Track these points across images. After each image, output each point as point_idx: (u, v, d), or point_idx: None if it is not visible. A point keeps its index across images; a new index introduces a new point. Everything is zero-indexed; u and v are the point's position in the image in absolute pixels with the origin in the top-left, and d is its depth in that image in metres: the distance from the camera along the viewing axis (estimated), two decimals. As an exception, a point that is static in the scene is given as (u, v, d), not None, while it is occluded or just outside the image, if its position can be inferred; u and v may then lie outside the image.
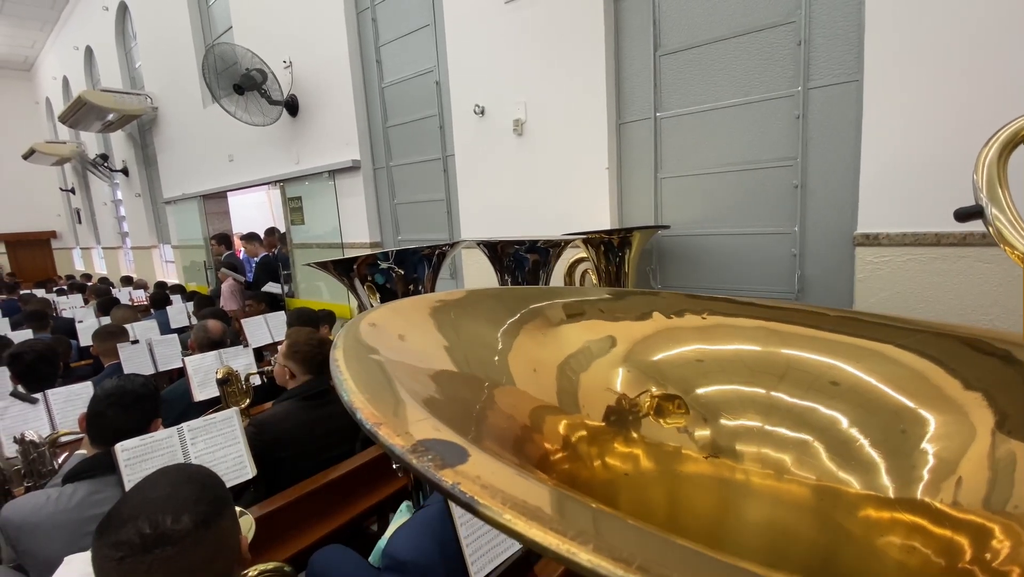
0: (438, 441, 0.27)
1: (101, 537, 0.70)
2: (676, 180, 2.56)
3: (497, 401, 0.50)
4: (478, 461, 0.26)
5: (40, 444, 1.66)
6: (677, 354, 0.65)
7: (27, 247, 13.00)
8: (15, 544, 1.23)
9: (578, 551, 0.19)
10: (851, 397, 0.56)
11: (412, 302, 0.57)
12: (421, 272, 1.59)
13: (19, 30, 10.48)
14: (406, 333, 0.49)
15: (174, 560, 0.69)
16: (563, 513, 0.23)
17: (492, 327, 0.58)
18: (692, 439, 0.60)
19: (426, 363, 0.47)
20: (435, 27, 3.62)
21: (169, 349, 3.00)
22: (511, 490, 0.23)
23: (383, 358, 0.40)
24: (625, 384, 0.62)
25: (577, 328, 0.66)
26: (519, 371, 0.55)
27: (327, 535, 1.78)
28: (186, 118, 6.89)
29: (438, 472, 0.24)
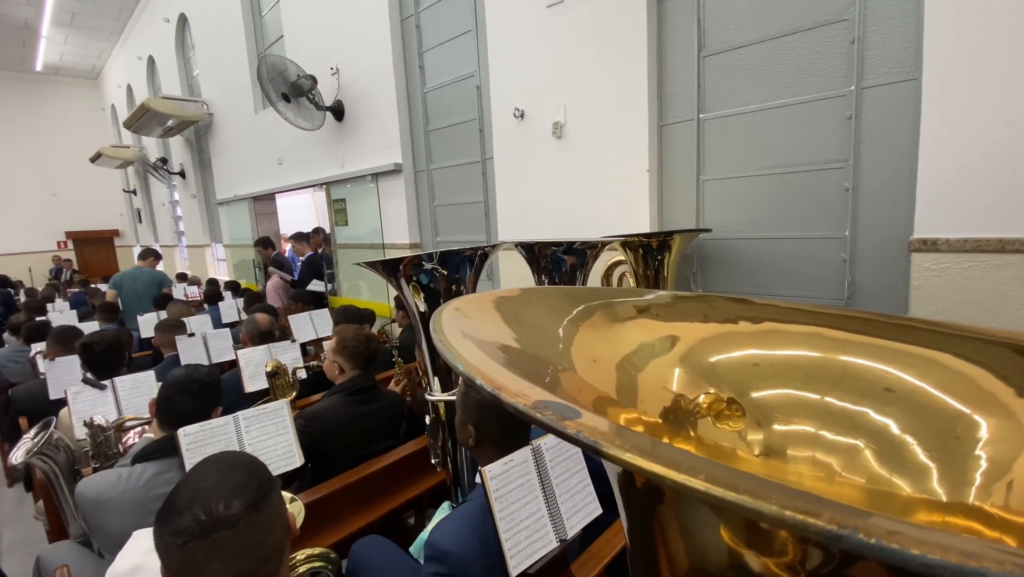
0: (552, 401, 0.30)
1: (162, 525, 0.75)
2: (719, 183, 2.51)
3: (563, 383, 0.52)
4: (589, 417, 0.29)
5: (107, 428, 1.78)
6: (733, 357, 0.65)
7: (92, 244, 13.91)
8: (87, 518, 1.33)
9: (692, 479, 0.22)
10: (905, 403, 0.55)
11: (477, 297, 0.59)
12: (463, 273, 1.62)
13: (88, 41, 11.24)
14: (479, 322, 0.52)
15: (231, 541, 0.74)
16: (675, 454, 0.26)
17: (553, 321, 0.61)
18: (746, 441, 0.60)
19: (499, 341, 0.50)
20: (476, 32, 3.68)
21: (222, 342, 3.16)
22: (622, 435, 0.27)
23: (473, 338, 0.44)
24: (681, 384, 0.63)
25: (633, 327, 0.67)
26: (581, 363, 0.57)
27: (366, 526, 1.85)
28: (238, 123, 7.23)
29: (562, 422, 0.27)
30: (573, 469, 1.37)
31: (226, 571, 0.73)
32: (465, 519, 1.18)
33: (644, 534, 0.42)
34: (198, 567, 0.72)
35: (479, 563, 1.14)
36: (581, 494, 1.36)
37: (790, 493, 0.21)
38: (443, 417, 1.72)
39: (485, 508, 1.17)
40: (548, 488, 1.30)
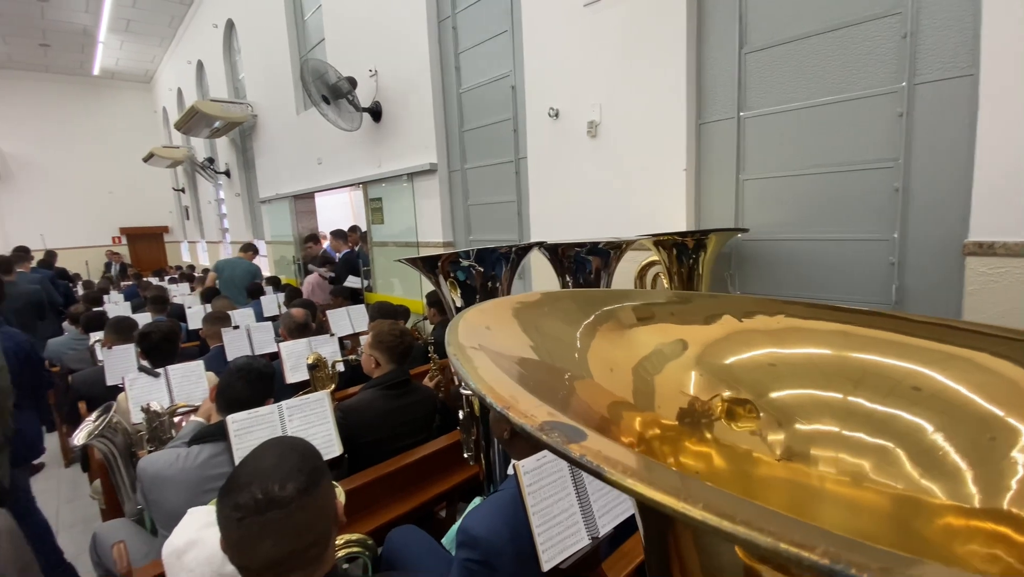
0: (559, 422, 0.31)
1: (224, 499, 0.81)
2: (760, 182, 2.46)
3: (578, 392, 0.52)
4: (595, 439, 0.29)
5: (162, 414, 1.89)
6: (749, 358, 0.64)
7: (144, 240, 14.65)
8: (147, 493, 1.42)
9: (690, 509, 0.23)
10: (935, 404, 0.53)
11: (494, 304, 0.60)
12: (499, 270, 1.65)
13: (142, 46, 11.82)
14: (495, 330, 0.52)
15: (283, 521, 0.78)
16: (667, 480, 0.26)
17: (570, 328, 0.61)
18: (765, 442, 0.59)
19: (514, 353, 0.50)
20: (512, 33, 3.70)
21: (264, 335, 3.29)
22: (625, 460, 0.27)
23: (486, 351, 0.44)
24: (698, 387, 0.62)
25: (649, 330, 0.67)
26: (597, 369, 0.57)
27: (400, 516, 1.89)
28: (281, 124, 7.48)
29: (567, 445, 0.28)
30: (606, 467, 1.37)
31: (278, 549, 0.77)
32: (497, 508, 1.20)
33: (659, 545, 0.43)
34: (253, 542, 0.77)
35: (510, 552, 1.16)
36: (613, 493, 1.36)
37: (787, 524, 0.21)
38: (477, 412, 1.75)
39: (517, 498, 1.18)
40: (580, 485, 1.31)
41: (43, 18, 9.73)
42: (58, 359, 3.76)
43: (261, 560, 0.77)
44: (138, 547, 1.60)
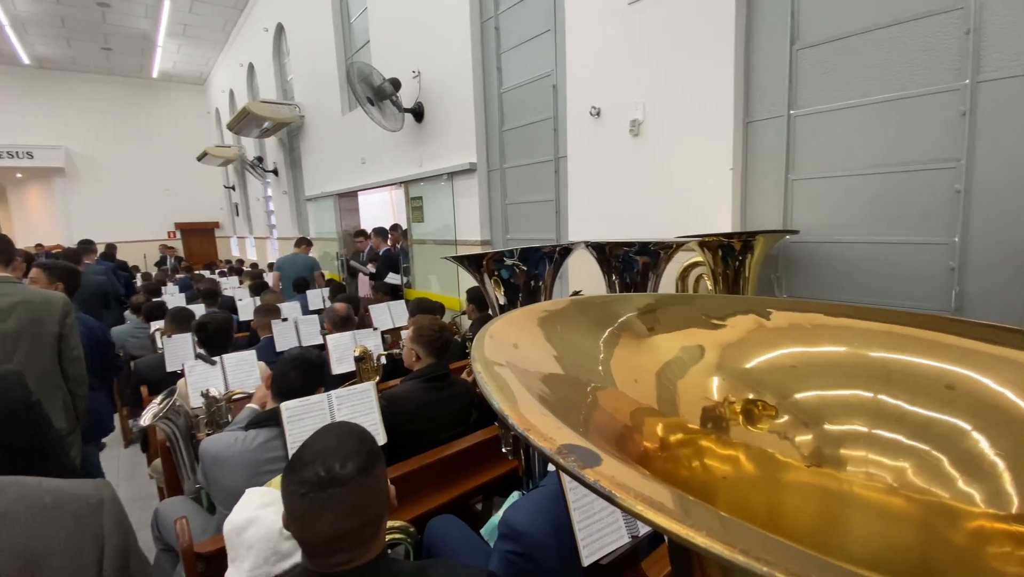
0: (577, 446, 0.32)
1: (289, 475, 0.87)
2: (810, 182, 2.38)
3: (600, 402, 0.53)
4: (609, 464, 0.30)
5: (219, 399, 2.00)
6: (770, 359, 0.63)
7: (196, 235, 15.42)
8: (207, 473, 1.52)
9: (694, 535, 0.24)
10: (968, 404, 0.52)
11: (522, 313, 0.60)
12: (542, 269, 1.67)
13: (197, 50, 12.43)
14: (520, 343, 0.53)
15: (342, 498, 0.84)
16: (681, 507, 0.27)
17: (593, 337, 0.61)
18: (793, 445, 0.59)
19: (538, 368, 0.50)
20: (555, 32, 3.71)
21: (311, 328, 3.42)
22: (638, 487, 0.28)
23: (510, 367, 0.45)
24: (721, 391, 0.62)
25: (669, 336, 0.67)
26: (620, 376, 0.57)
27: (437, 507, 1.93)
28: (326, 125, 7.72)
29: (582, 470, 0.29)
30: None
31: (336, 525, 0.82)
32: (539, 503, 1.22)
33: (683, 558, 0.43)
34: (314, 516, 0.82)
35: (551, 547, 1.18)
36: (654, 493, 1.36)
37: (790, 553, 0.22)
38: (517, 408, 1.77)
39: (558, 495, 1.20)
40: (621, 484, 1.31)
41: (105, 23, 10.36)
42: (121, 346, 4.01)
43: (321, 535, 0.82)
44: (196, 523, 1.70)
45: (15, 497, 0.47)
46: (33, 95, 12.83)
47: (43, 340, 1.99)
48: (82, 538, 0.48)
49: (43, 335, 1.99)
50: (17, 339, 1.93)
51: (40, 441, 1.10)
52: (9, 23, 9.91)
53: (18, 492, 0.48)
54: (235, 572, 1.17)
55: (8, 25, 9.99)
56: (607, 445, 0.42)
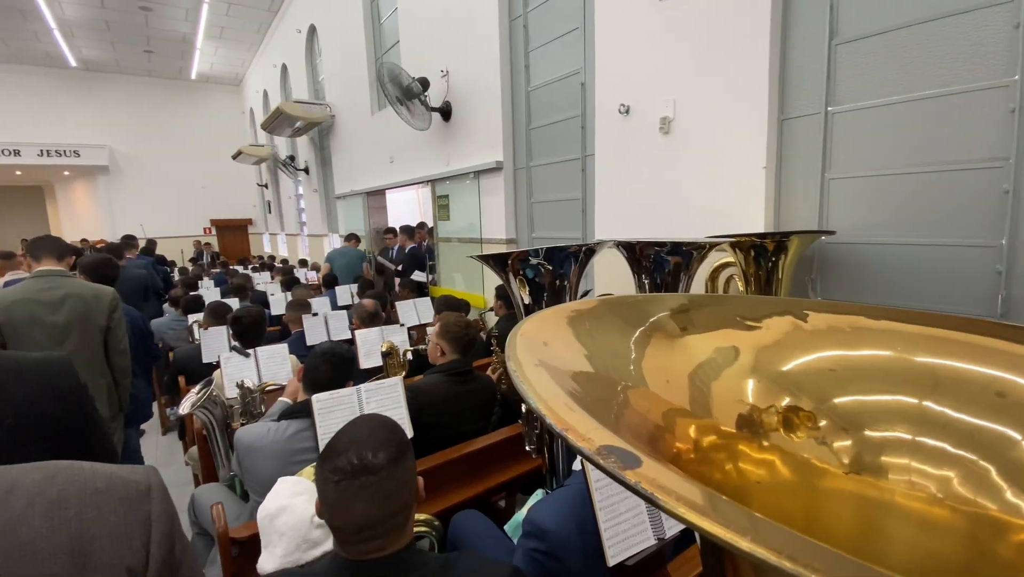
0: (615, 447, 0.31)
1: (323, 463, 0.90)
2: (848, 181, 2.31)
3: (632, 401, 0.52)
4: (649, 465, 0.30)
5: (254, 390, 2.07)
6: (808, 362, 0.61)
7: (230, 231, 15.89)
8: (241, 461, 1.57)
9: (738, 539, 0.24)
10: (1020, 413, 0.49)
11: (552, 313, 0.60)
12: (567, 268, 1.66)
13: (233, 52, 12.78)
14: (550, 341, 0.53)
15: (374, 486, 0.86)
16: (719, 510, 0.27)
17: (623, 337, 0.61)
18: (831, 451, 0.57)
19: (569, 367, 0.50)
20: (584, 29, 3.69)
21: (340, 323, 3.50)
22: (679, 489, 0.28)
23: (543, 366, 0.45)
24: (756, 394, 0.60)
25: (703, 337, 0.66)
26: (652, 377, 0.57)
27: (461, 502, 1.95)
28: (356, 124, 7.85)
29: (622, 472, 0.29)
30: (673, 469, 1.36)
31: (367, 513, 0.85)
32: (564, 502, 1.23)
33: (716, 560, 0.43)
34: (347, 503, 0.85)
35: (576, 546, 1.18)
36: (681, 495, 1.34)
37: (832, 558, 0.22)
38: (542, 406, 1.77)
39: (584, 494, 1.20)
40: (647, 485, 1.30)
41: (147, 26, 10.75)
42: (160, 337, 4.17)
43: (352, 522, 0.85)
44: (230, 509, 1.76)
45: (69, 481, 0.48)
46: (80, 96, 13.43)
47: (91, 332, 2.08)
48: (131, 523, 0.50)
49: (91, 327, 2.08)
50: (68, 330, 2.03)
51: (87, 424, 1.15)
52: (57, 27, 10.39)
53: (71, 476, 0.49)
54: (268, 558, 1.21)
55: (56, 29, 10.48)
56: (640, 445, 0.42)
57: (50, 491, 0.47)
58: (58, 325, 2.00)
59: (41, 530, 0.45)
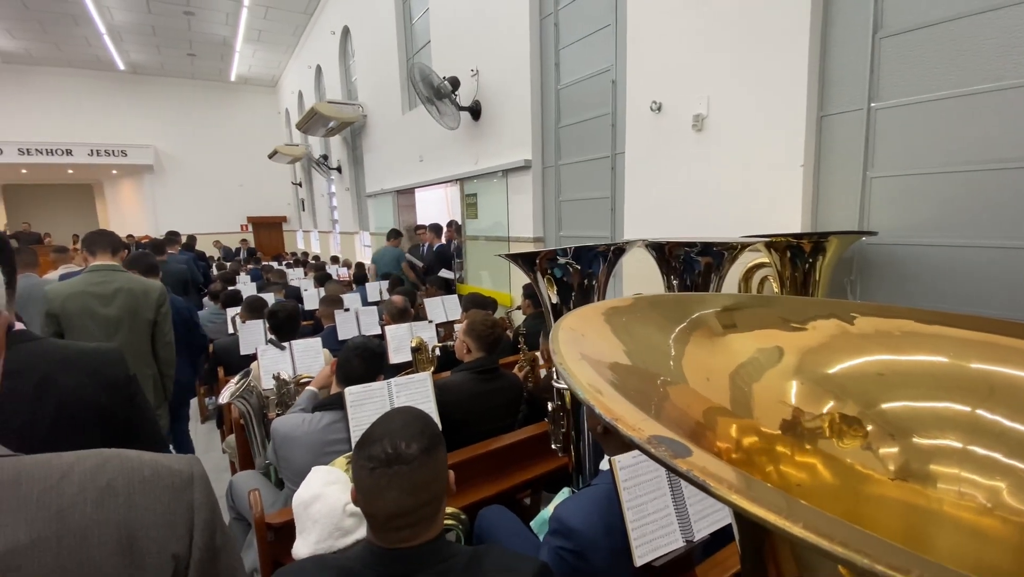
0: (665, 437, 0.32)
1: (359, 451, 0.93)
2: (891, 180, 2.22)
3: (672, 396, 0.52)
4: (700, 455, 0.30)
5: (289, 382, 2.13)
6: (855, 366, 0.59)
7: (266, 228, 16.37)
8: (277, 449, 1.62)
9: (791, 526, 0.24)
10: None
11: (590, 309, 0.60)
12: (596, 268, 1.65)
13: (270, 54, 13.16)
14: (590, 336, 0.53)
15: (406, 475, 0.89)
16: (769, 498, 0.27)
17: (663, 333, 0.60)
18: (877, 457, 0.55)
19: (608, 359, 0.50)
20: (615, 26, 3.66)
21: (370, 318, 3.57)
22: (729, 477, 0.28)
23: (587, 360, 0.45)
24: (800, 396, 0.59)
25: (746, 336, 0.65)
26: (692, 375, 0.56)
27: (486, 498, 1.97)
28: (387, 124, 7.97)
29: (673, 460, 0.29)
30: (704, 472, 1.34)
31: (399, 501, 0.87)
32: (592, 501, 1.22)
33: (756, 555, 0.42)
34: (381, 490, 0.88)
35: (603, 546, 1.17)
36: (710, 499, 1.32)
37: (885, 548, 0.22)
38: (568, 405, 1.77)
39: (612, 495, 1.20)
40: (676, 487, 1.29)
41: (190, 30, 11.17)
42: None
43: (385, 509, 0.88)
44: (266, 496, 1.82)
45: (118, 469, 0.50)
46: (127, 98, 14.06)
47: (140, 325, 2.18)
48: (176, 510, 0.51)
49: (140, 321, 2.18)
50: (118, 323, 2.12)
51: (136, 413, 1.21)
52: (107, 32, 10.90)
53: (120, 464, 0.50)
54: (302, 544, 1.25)
55: (106, 34, 10.99)
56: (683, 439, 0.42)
57: (100, 478, 0.48)
58: (110, 318, 2.10)
59: (92, 516, 0.46)
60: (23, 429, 0.95)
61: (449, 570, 0.90)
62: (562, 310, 1.66)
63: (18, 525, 0.43)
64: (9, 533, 0.43)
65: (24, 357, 1.03)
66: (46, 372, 1.03)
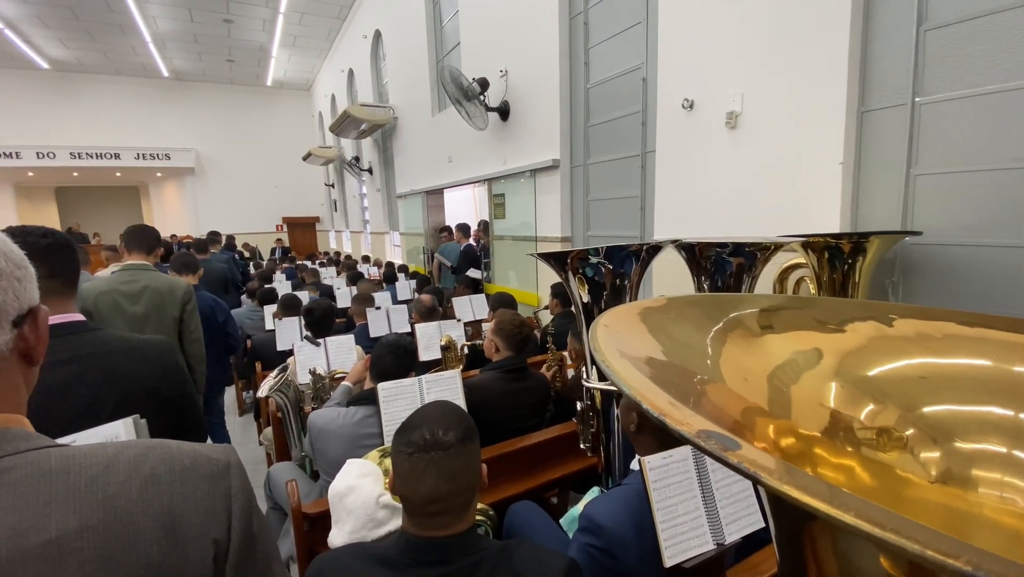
0: (714, 432, 0.32)
1: (398, 437, 0.97)
2: (937, 178, 2.13)
3: (709, 395, 0.52)
4: (748, 449, 0.31)
5: (324, 377, 2.19)
6: (896, 368, 0.58)
7: (300, 228, 16.83)
8: (314, 441, 1.68)
9: (843, 515, 0.24)
10: None
11: (625, 309, 0.60)
12: (628, 268, 1.65)
13: (304, 59, 13.51)
14: (626, 335, 0.54)
15: (443, 462, 0.92)
16: (817, 488, 0.27)
17: (699, 334, 0.60)
18: (916, 460, 0.54)
19: (645, 355, 0.51)
20: (647, 23, 3.62)
21: (400, 316, 3.63)
22: (780, 470, 0.28)
23: (628, 357, 0.45)
24: (838, 399, 0.58)
25: (783, 338, 0.64)
26: (729, 375, 0.56)
27: (514, 495, 1.98)
28: (417, 126, 8.08)
29: (724, 453, 0.30)
30: (735, 476, 1.33)
31: (435, 486, 0.91)
32: (622, 501, 1.22)
33: (794, 550, 0.42)
34: (418, 476, 0.91)
35: (632, 545, 1.17)
36: (743, 503, 1.31)
37: (934, 535, 0.22)
38: (599, 405, 1.77)
39: (642, 495, 1.19)
40: (707, 490, 1.28)
41: (229, 37, 11.57)
42: (239, 326, 4.49)
43: (423, 494, 0.91)
44: (301, 487, 1.88)
45: (160, 458, 0.53)
46: (170, 103, 14.68)
47: (166, 322, 2.22)
48: (214, 498, 0.54)
49: (166, 318, 2.22)
50: (145, 320, 2.18)
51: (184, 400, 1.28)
52: (152, 40, 11.39)
53: (161, 454, 0.53)
54: (337, 533, 1.29)
55: (151, 42, 11.49)
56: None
57: (144, 467, 0.51)
58: (137, 315, 2.16)
59: (137, 502, 0.49)
60: (87, 412, 1.02)
61: (481, 561, 0.92)
62: (593, 310, 1.66)
63: (69, 512, 0.46)
64: (61, 519, 0.46)
65: (90, 345, 1.11)
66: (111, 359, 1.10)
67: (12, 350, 0.52)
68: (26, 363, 0.54)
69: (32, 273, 0.55)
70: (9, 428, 0.50)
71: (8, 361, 0.52)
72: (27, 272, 0.54)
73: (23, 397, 0.55)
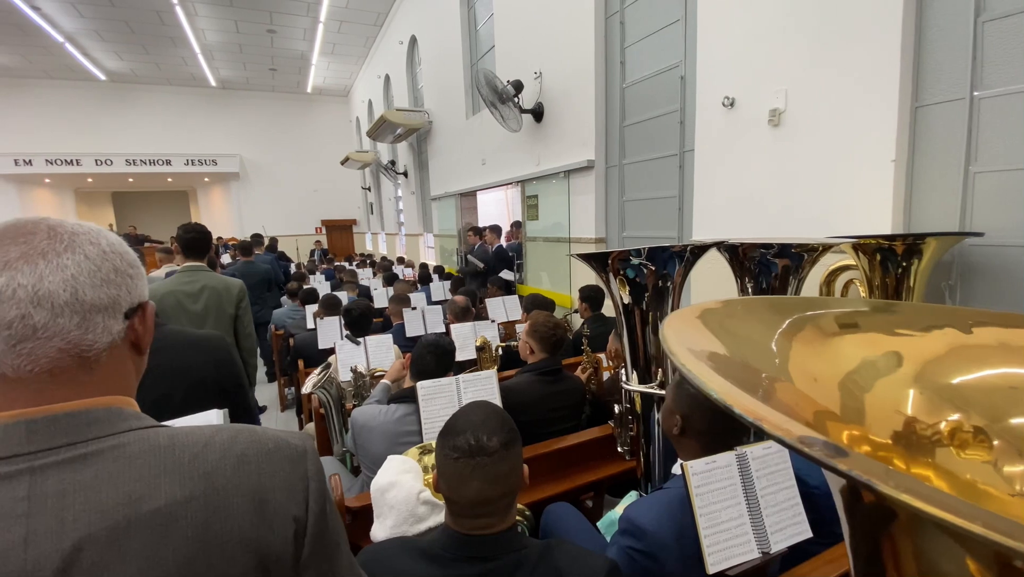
0: (817, 438, 0.31)
1: (443, 439, 0.98)
2: (998, 176, 2.02)
3: (778, 395, 0.50)
4: (856, 455, 0.30)
5: (364, 375, 2.25)
6: (981, 377, 0.55)
7: (338, 230, 17.30)
8: (356, 437, 1.73)
9: (969, 524, 0.23)
10: None
11: (687, 311, 0.60)
12: (671, 269, 1.62)
13: (343, 66, 13.88)
14: (692, 336, 0.53)
15: (487, 467, 0.93)
16: (932, 495, 0.26)
17: (765, 333, 0.59)
18: (1000, 473, 0.52)
19: (708, 350, 0.50)
20: (685, 21, 3.56)
21: (435, 317, 3.69)
22: (896, 479, 0.27)
23: (703, 359, 0.45)
24: (917, 407, 0.56)
25: (853, 341, 0.62)
26: (798, 377, 0.54)
27: (550, 497, 1.98)
28: (451, 129, 8.18)
29: (832, 460, 0.29)
30: (781, 485, 1.30)
31: (480, 491, 0.91)
32: (664, 505, 1.21)
33: (871, 555, 0.41)
34: (463, 480, 0.92)
35: (673, 550, 1.16)
36: (789, 512, 1.27)
37: None
38: (638, 408, 1.75)
39: (684, 500, 1.18)
40: (752, 497, 1.25)
41: (272, 47, 12.00)
42: (282, 325, 4.66)
43: (467, 497, 0.92)
44: (343, 481, 1.94)
45: (248, 441, 0.58)
46: (217, 111, 15.35)
47: (223, 318, 2.37)
48: (294, 479, 0.58)
49: (223, 315, 2.37)
50: (204, 317, 2.33)
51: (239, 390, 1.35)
52: (201, 51, 11.94)
53: (249, 437, 0.59)
54: (379, 527, 1.33)
55: (200, 53, 12.04)
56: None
57: (235, 448, 0.56)
58: (197, 313, 2.32)
59: (232, 479, 0.54)
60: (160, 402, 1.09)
61: (523, 559, 0.93)
62: (634, 311, 1.65)
63: (175, 484, 0.52)
64: (168, 490, 0.51)
65: (161, 339, 1.19)
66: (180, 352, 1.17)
67: (124, 339, 0.57)
68: (135, 352, 0.60)
69: (143, 273, 0.61)
70: (123, 408, 0.55)
71: (121, 349, 0.57)
72: (139, 271, 0.60)
73: (133, 382, 0.61)
